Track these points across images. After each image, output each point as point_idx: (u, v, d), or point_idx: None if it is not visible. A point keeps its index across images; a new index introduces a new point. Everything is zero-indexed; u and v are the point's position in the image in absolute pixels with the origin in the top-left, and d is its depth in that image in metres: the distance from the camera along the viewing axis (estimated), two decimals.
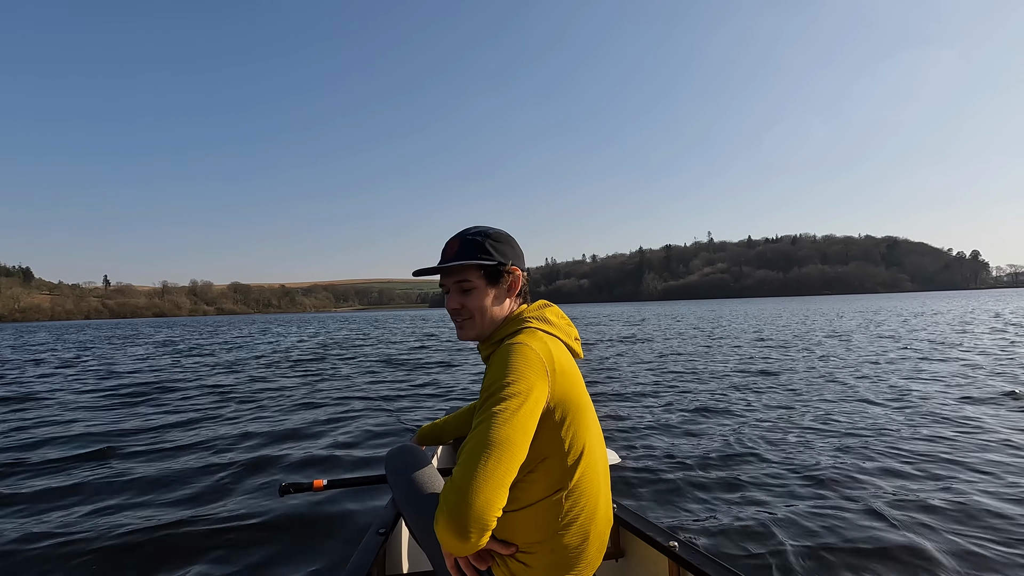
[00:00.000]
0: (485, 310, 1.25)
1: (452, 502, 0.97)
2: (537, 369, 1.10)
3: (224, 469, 4.07)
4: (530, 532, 1.15)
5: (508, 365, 1.09)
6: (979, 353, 9.51)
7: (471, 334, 1.28)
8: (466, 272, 1.24)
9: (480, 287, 1.25)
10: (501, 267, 1.25)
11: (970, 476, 3.30)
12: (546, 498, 1.14)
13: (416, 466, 1.44)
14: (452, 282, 1.26)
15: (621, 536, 1.77)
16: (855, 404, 5.45)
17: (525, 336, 1.18)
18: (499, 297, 1.27)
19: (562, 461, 1.13)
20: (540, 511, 1.14)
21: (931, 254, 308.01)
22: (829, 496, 3.03)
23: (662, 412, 5.42)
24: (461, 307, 1.25)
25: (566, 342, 1.27)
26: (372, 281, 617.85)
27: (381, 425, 5.32)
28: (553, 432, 1.13)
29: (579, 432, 1.16)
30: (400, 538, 1.90)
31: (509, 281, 1.28)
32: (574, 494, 1.15)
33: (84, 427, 5.55)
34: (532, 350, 1.12)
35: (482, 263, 1.24)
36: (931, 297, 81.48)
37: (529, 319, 1.26)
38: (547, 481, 1.13)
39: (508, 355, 1.11)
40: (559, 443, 1.13)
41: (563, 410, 1.13)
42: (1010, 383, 6.41)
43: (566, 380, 1.15)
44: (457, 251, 1.25)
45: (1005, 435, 4.16)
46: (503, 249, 1.27)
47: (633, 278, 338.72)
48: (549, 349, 1.16)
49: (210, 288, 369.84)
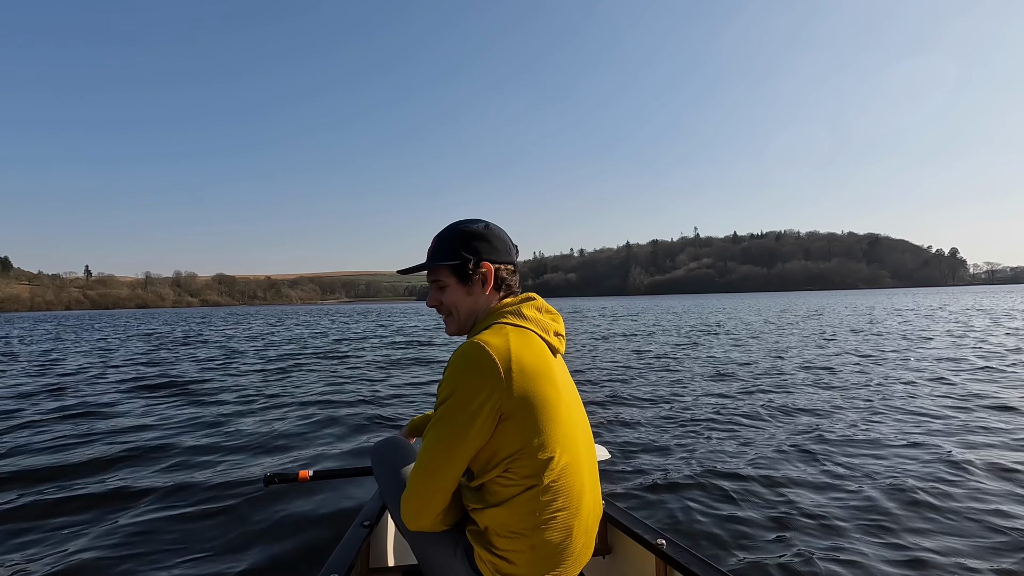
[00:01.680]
0: (460, 306, 1.31)
1: (404, 497, 1.18)
2: (486, 372, 1.11)
3: (209, 457, 4.07)
4: (508, 526, 1.16)
5: (454, 372, 1.13)
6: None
7: (453, 329, 1.34)
8: (438, 272, 1.31)
9: (452, 285, 1.30)
10: (466, 265, 1.29)
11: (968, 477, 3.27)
12: (519, 494, 1.15)
13: (402, 459, 1.43)
14: (431, 280, 1.33)
15: (609, 533, 1.78)
16: (851, 403, 5.42)
17: (488, 334, 1.19)
18: (473, 293, 1.30)
19: (531, 458, 1.14)
20: (516, 507, 1.15)
21: (911, 251, 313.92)
22: (822, 495, 3.03)
23: (651, 408, 5.44)
24: (439, 304, 1.33)
25: (544, 337, 1.26)
26: (359, 274, 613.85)
27: (369, 418, 5.31)
28: (514, 430, 1.13)
29: (549, 429, 1.15)
30: (385, 531, 1.89)
31: (480, 276, 1.30)
32: (551, 490, 1.16)
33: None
34: (485, 352, 1.12)
35: (449, 263, 1.29)
36: (906, 294, 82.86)
37: (504, 314, 1.27)
38: (517, 477, 1.15)
39: (457, 360, 1.14)
40: (523, 441, 1.13)
41: (525, 408, 1.13)
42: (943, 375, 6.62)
43: (527, 378, 1.14)
44: (433, 251, 1.32)
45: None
46: (476, 246, 1.30)
47: (620, 272, 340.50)
48: (510, 347, 1.15)
49: (194, 279, 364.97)
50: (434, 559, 1.28)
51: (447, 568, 1.26)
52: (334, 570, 1.34)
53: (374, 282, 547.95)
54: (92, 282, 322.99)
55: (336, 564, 1.37)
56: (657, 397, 6.03)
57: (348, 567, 1.36)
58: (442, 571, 1.27)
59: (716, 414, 5.07)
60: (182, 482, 3.49)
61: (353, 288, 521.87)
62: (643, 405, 5.63)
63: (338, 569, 1.34)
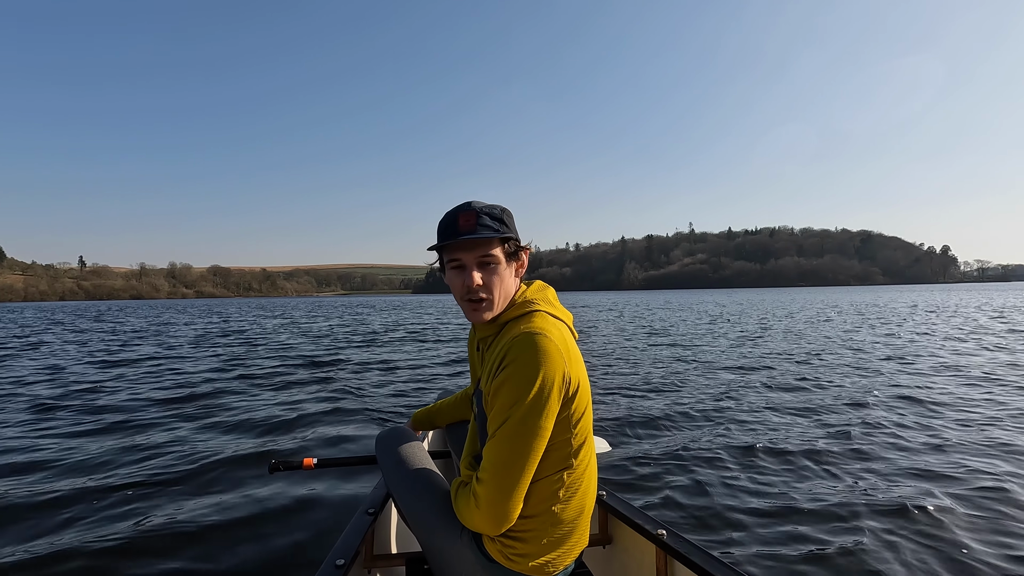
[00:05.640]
0: (503, 287, 1.21)
1: (491, 502, 1.11)
2: (557, 363, 1.09)
3: (214, 444, 4.13)
4: (528, 508, 1.17)
5: (527, 365, 1.08)
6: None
7: (487, 315, 1.22)
8: (490, 247, 1.18)
9: (501, 263, 1.20)
10: (519, 243, 1.23)
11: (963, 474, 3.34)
12: (548, 476, 1.16)
13: (408, 448, 1.44)
14: (474, 257, 1.19)
15: (609, 523, 1.77)
16: (849, 399, 5.43)
17: (540, 322, 1.16)
18: (511, 276, 1.24)
19: (569, 443, 1.16)
20: (542, 489, 1.17)
21: (903, 248, 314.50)
22: (820, 487, 3.06)
23: (649, 400, 5.51)
24: (482, 284, 1.19)
25: (569, 327, 1.26)
26: (355, 266, 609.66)
27: (375, 409, 5.39)
28: (567, 418, 1.15)
29: (585, 414, 1.19)
30: (389, 519, 1.90)
31: (522, 260, 1.26)
32: (576, 471, 1.19)
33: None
34: (552, 341, 1.11)
35: (508, 237, 1.20)
36: (896, 291, 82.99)
37: (536, 301, 1.23)
38: (554, 460, 1.16)
39: (526, 353, 1.09)
40: (569, 427, 1.15)
41: (576, 397, 1.15)
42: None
43: (577, 365, 1.16)
44: (478, 224, 1.17)
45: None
46: (514, 227, 1.24)
47: (615, 267, 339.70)
48: (562, 334, 1.16)
49: (189, 271, 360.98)
50: (440, 544, 1.27)
51: (453, 552, 1.25)
52: (339, 556, 1.34)
53: (370, 275, 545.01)
54: (86, 272, 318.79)
55: (341, 550, 1.37)
56: (655, 389, 6.09)
57: (353, 553, 1.36)
58: (447, 556, 1.26)
59: (715, 404, 5.17)
60: (186, 468, 3.56)
61: (349, 281, 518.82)
62: (642, 396, 5.70)
63: (343, 555, 1.35)
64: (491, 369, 1.16)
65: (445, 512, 1.27)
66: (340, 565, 1.31)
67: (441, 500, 1.30)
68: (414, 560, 1.61)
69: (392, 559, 1.66)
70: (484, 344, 1.30)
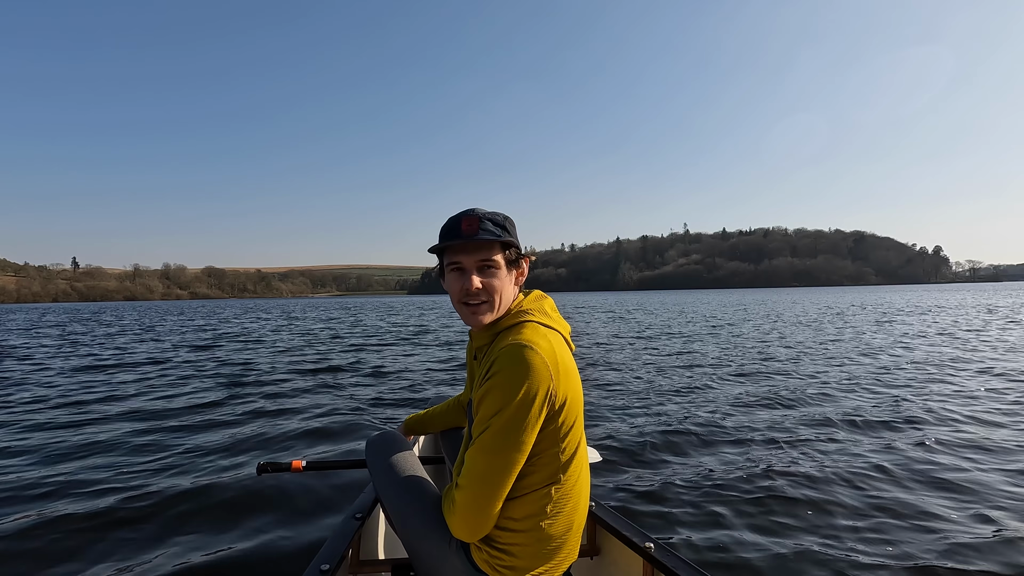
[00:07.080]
0: (503, 293, 1.22)
1: (467, 510, 1.13)
2: (542, 376, 1.09)
3: (204, 444, 4.11)
4: (516, 520, 1.17)
5: (511, 376, 1.08)
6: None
7: (485, 318, 1.22)
8: (492, 250, 1.20)
9: (501, 268, 1.21)
10: (520, 250, 1.24)
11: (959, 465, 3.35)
12: (536, 490, 1.16)
13: (398, 453, 1.43)
14: (474, 260, 1.20)
15: (597, 534, 1.77)
16: (845, 406, 5.21)
17: (531, 333, 1.15)
18: (511, 283, 1.25)
19: (557, 457, 1.16)
20: (531, 501, 1.17)
21: (895, 248, 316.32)
22: (810, 500, 2.98)
23: (639, 409, 5.35)
24: (482, 288, 1.20)
25: (564, 336, 1.26)
26: (350, 267, 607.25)
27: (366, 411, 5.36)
28: (553, 432, 1.14)
29: (575, 428, 1.18)
30: (376, 525, 1.88)
31: (522, 268, 1.27)
32: (565, 486, 1.19)
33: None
34: (538, 354, 1.10)
35: (511, 242, 1.21)
36: (887, 291, 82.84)
37: (530, 311, 1.23)
38: (542, 474, 1.16)
39: (511, 364, 1.09)
40: (557, 440, 1.15)
41: (564, 410, 1.14)
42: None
43: (568, 379, 1.15)
44: (480, 229, 1.18)
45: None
46: (515, 235, 1.25)
47: (610, 268, 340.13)
48: (552, 347, 1.15)
49: (183, 272, 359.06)
50: (427, 552, 1.27)
51: (440, 561, 1.24)
52: (324, 561, 1.33)
53: (365, 275, 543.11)
54: (79, 274, 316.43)
55: (326, 555, 1.36)
56: (647, 397, 5.94)
57: (339, 558, 1.35)
58: (434, 564, 1.26)
59: (709, 415, 4.99)
60: (174, 468, 3.55)
61: (344, 282, 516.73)
62: (632, 405, 5.55)
63: (328, 560, 1.33)
64: (479, 378, 1.17)
65: (434, 519, 1.26)
66: (325, 570, 1.29)
67: (431, 506, 1.29)
68: (400, 567, 1.60)
69: (378, 565, 1.65)
70: (480, 353, 1.30)
